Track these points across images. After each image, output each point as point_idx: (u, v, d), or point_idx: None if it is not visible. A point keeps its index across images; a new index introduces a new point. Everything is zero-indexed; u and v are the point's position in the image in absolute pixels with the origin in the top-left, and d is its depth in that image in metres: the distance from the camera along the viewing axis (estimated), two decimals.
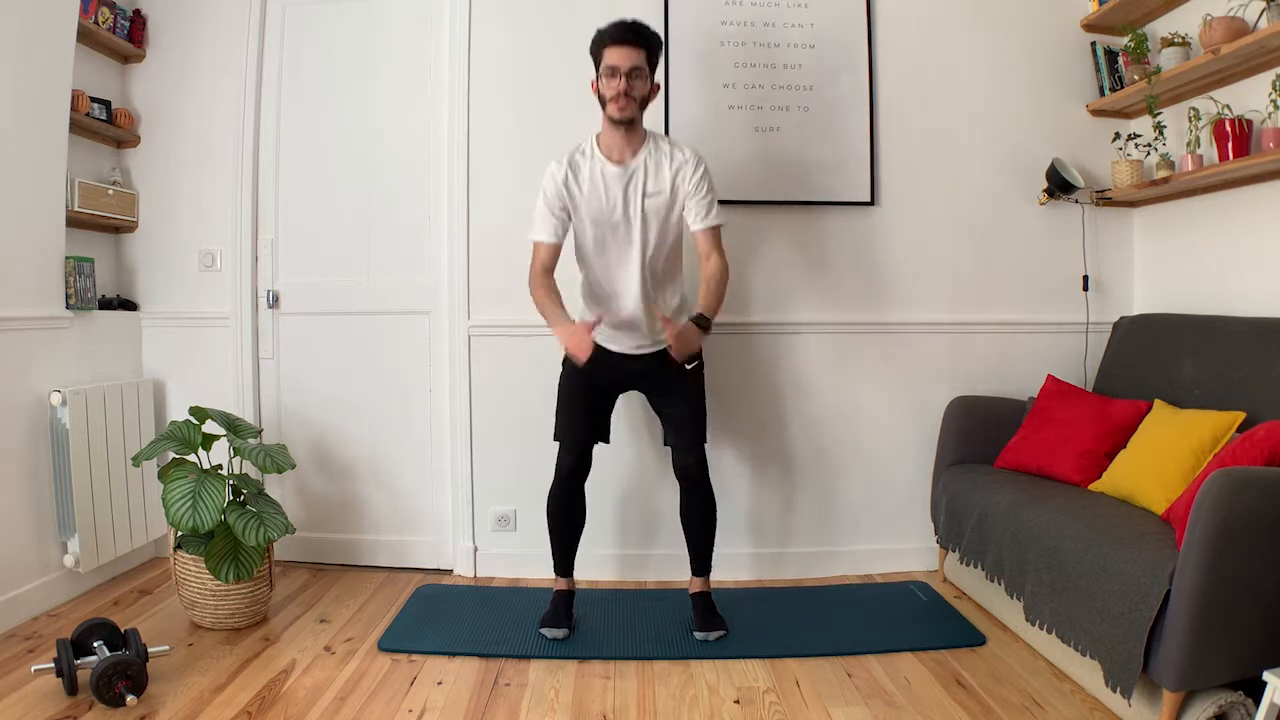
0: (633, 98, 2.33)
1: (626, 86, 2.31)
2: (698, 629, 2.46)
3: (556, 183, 2.41)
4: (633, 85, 2.32)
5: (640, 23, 2.34)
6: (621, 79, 2.31)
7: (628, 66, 2.31)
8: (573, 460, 2.47)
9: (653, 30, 2.37)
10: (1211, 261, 2.79)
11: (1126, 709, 1.96)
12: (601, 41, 2.35)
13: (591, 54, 2.41)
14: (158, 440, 2.55)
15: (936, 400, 3.02)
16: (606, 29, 2.34)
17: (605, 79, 2.34)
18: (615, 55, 2.32)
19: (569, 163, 2.43)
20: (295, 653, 2.35)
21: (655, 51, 2.38)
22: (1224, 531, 1.72)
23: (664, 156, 2.43)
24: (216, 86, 3.09)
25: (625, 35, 2.31)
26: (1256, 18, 2.41)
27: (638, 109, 2.37)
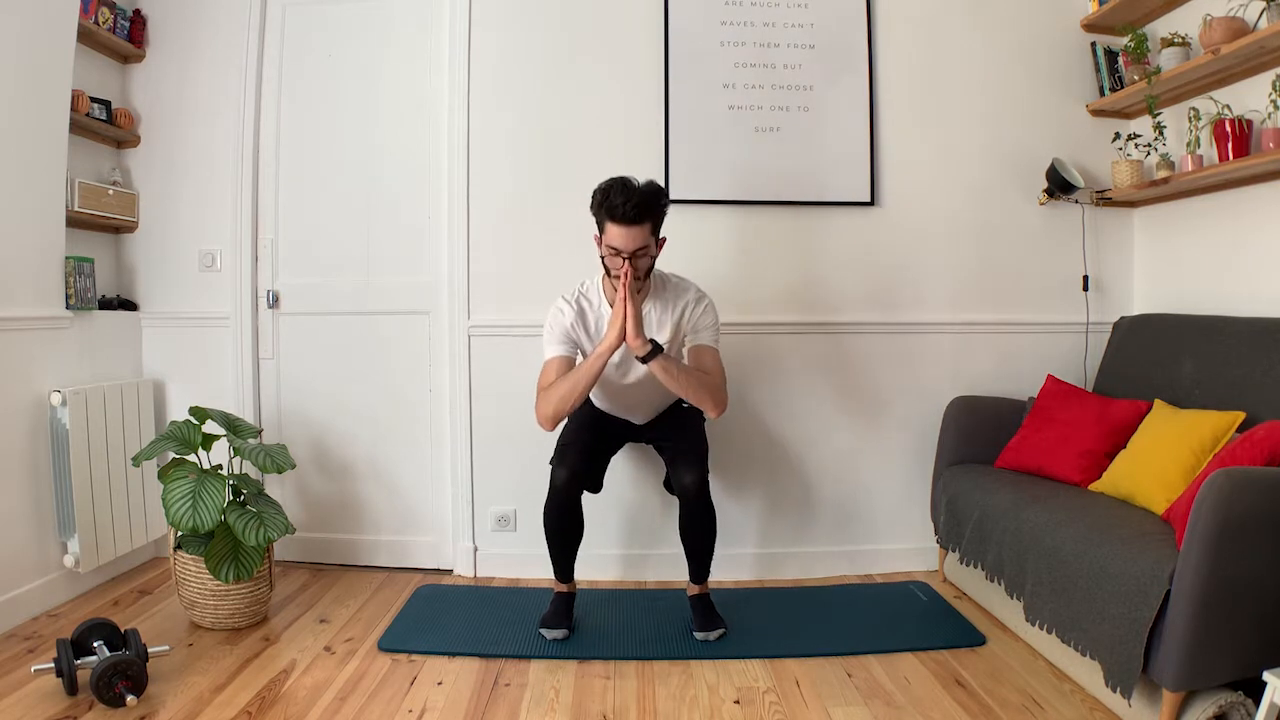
0: (638, 277, 2.29)
1: (632, 269, 2.25)
2: (697, 629, 2.46)
3: (564, 325, 2.41)
4: (637, 266, 2.27)
5: (644, 194, 2.25)
6: (626, 262, 2.25)
7: (632, 249, 2.24)
8: (567, 473, 2.40)
9: (656, 191, 2.29)
10: (1211, 261, 2.79)
11: (1126, 709, 1.96)
12: (601, 212, 2.27)
13: (592, 214, 2.33)
14: (158, 440, 2.55)
15: (936, 400, 3.02)
16: (610, 199, 2.23)
17: (609, 255, 2.29)
18: (618, 237, 2.24)
19: (576, 306, 2.42)
20: (295, 653, 2.35)
21: (661, 217, 2.31)
22: (1224, 531, 1.72)
23: (669, 304, 2.43)
24: (216, 86, 3.10)
25: (630, 216, 2.21)
26: (1256, 18, 2.41)
27: (644, 280, 2.35)
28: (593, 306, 2.44)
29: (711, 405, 2.35)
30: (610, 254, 2.28)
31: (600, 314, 2.43)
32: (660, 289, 2.45)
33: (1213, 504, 1.73)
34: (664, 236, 2.36)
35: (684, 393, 2.32)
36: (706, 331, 2.44)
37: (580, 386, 2.29)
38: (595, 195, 2.30)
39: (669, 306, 2.43)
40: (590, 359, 2.30)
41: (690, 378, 2.32)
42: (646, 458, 2.98)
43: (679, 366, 2.32)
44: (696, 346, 2.43)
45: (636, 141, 3.01)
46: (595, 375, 2.29)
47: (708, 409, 2.36)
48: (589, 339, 2.44)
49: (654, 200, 2.28)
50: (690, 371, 2.34)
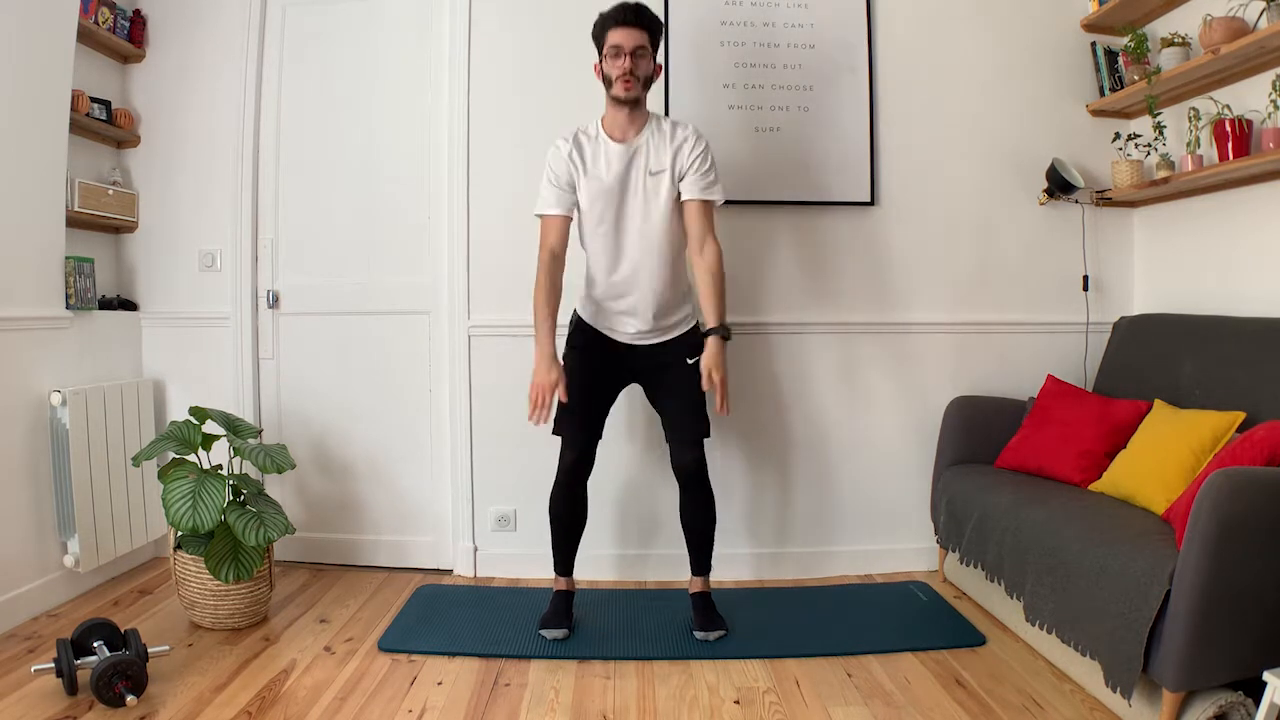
0: (637, 77, 2.37)
1: (631, 65, 2.35)
2: (698, 629, 2.46)
3: (561, 157, 2.44)
4: (637, 64, 2.37)
5: (641, 3, 2.40)
6: (626, 58, 2.35)
7: (632, 46, 2.35)
8: (575, 454, 2.47)
9: (653, 12, 2.43)
10: (1211, 261, 2.79)
11: (1126, 709, 1.96)
12: (604, 24, 2.41)
13: (594, 37, 2.46)
14: (158, 440, 2.55)
15: (936, 400, 3.02)
16: (608, 11, 2.40)
17: (610, 59, 2.39)
18: (619, 35, 2.37)
19: (574, 140, 2.46)
20: (295, 653, 2.35)
21: (657, 33, 2.44)
22: (1224, 531, 1.72)
23: (666, 134, 2.45)
24: (216, 86, 3.10)
25: (628, 16, 2.37)
26: (1256, 18, 2.41)
27: (642, 88, 2.41)
28: (591, 139, 2.47)
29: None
30: (611, 54, 2.37)
31: (598, 145, 2.45)
32: (658, 120, 2.49)
33: (1212, 504, 1.73)
34: (659, 64, 2.46)
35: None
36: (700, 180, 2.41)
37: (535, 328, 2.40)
38: (595, 22, 2.44)
39: (666, 136, 2.45)
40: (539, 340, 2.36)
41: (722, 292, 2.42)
42: (644, 456, 2.98)
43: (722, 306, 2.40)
44: (691, 200, 2.42)
45: None
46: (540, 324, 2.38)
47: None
48: (584, 172, 2.44)
49: (652, 13, 2.41)
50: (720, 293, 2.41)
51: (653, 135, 2.45)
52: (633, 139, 2.43)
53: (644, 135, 2.44)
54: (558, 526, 2.54)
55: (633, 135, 2.43)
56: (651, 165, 2.43)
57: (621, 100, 2.38)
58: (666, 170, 2.42)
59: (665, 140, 2.44)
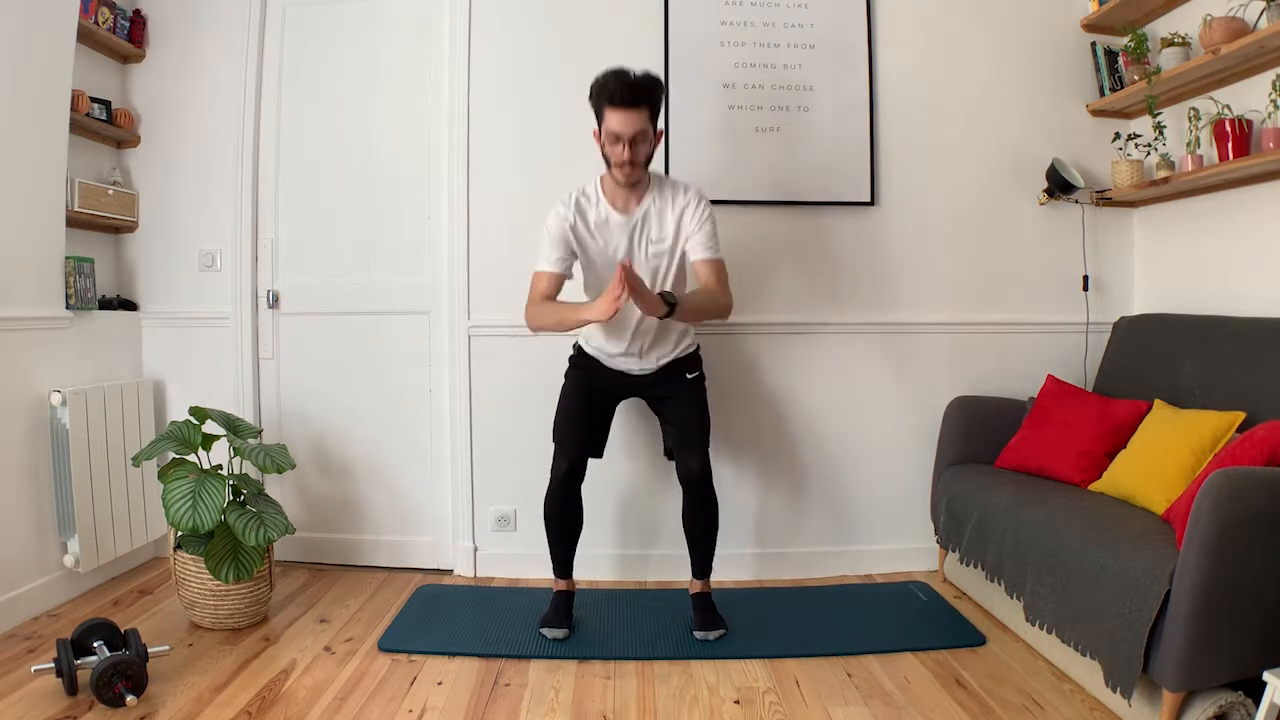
0: (638, 163, 2.30)
1: (631, 155, 2.26)
2: (698, 628, 2.46)
3: (564, 227, 2.40)
4: (637, 151, 2.28)
5: (642, 78, 2.26)
6: (625, 148, 2.26)
7: (631, 133, 2.24)
8: (568, 464, 2.44)
9: (654, 80, 2.30)
10: (1211, 261, 2.79)
11: (1126, 709, 1.96)
12: (600, 99, 2.28)
13: (591, 105, 2.33)
14: (158, 440, 2.55)
15: (936, 400, 3.02)
16: (608, 86, 2.24)
17: (609, 144, 2.30)
18: (618, 121, 2.24)
19: (575, 207, 2.41)
20: (295, 653, 2.35)
21: (659, 105, 2.32)
22: (1224, 531, 1.72)
23: (668, 201, 2.42)
24: (216, 86, 3.10)
25: (626, 97, 2.22)
26: (1256, 18, 2.41)
27: (643, 170, 2.35)
28: (593, 204, 2.43)
29: (720, 318, 2.43)
30: (610, 140, 2.29)
31: (600, 211, 2.41)
32: (659, 185, 2.44)
33: (1212, 504, 1.73)
34: (661, 129, 2.37)
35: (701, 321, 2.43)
36: (706, 239, 2.40)
37: (565, 326, 2.37)
38: (593, 86, 2.30)
39: (669, 204, 2.42)
40: (577, 313, 2.30)
41: (703, 311, 2.36)
42: (645, 457, 2.98)
43: (691, 307, 2.32)
44: (700, 262, 2.41)
45: None
46: (572, 327, 2.37)
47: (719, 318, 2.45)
48: (590, 236, 2.41)
49: (652, 85, 2.29)
50: (702, 306, 2.35)
51: (654, 203, 2.42)
52: (634, 210, 2.40)
53: (645, 204, 2.41)
54: (554, 533, 2.53)
55: (634, 206, 2.40)
56: (654, 235, 2.40)
57: (621, 184, 2.34)
58: (669, 239, 2.41)
59: (667, 206, 2.41)
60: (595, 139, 2.38)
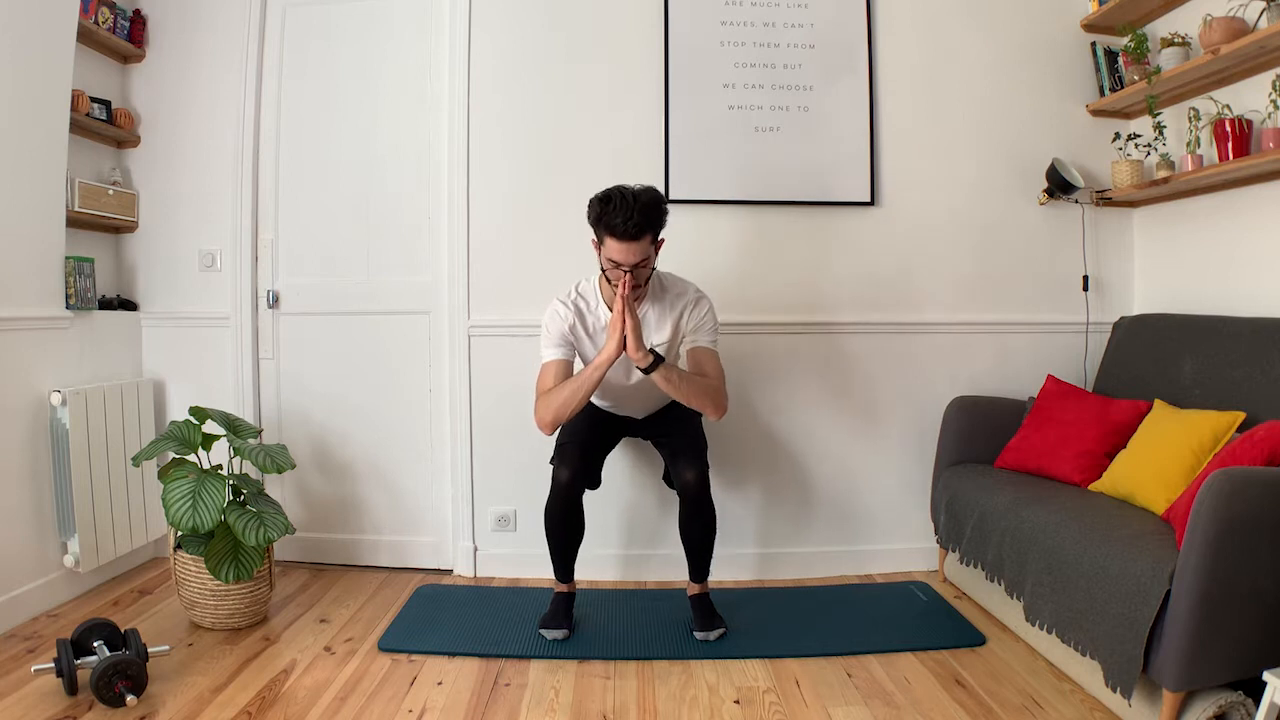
0: (639, 285, 2.27)
1: (633, 281, 2.23)
2: (698, 629, 2.46)
3: (562, 328, 2.40)
4: (638, 275, 2.25)
5: (644, 208, 2.19)
6: (627, 275, 2.22)
7: (633, 262, 2.21)
8: (570, 473, 2.41)
9: (655, 203, 2.23)
10: (1212, 261, 2.79)
11: (1126, 709, 1.96)
12: (599, 225, 2.23)
13: (590, 224, 2.28)
14: (158, 440, 2.55)
15: (936, 400, 3.02)
16: (607, 219, 2.18)
17: (609, 267, 2.26)
18: (618, 252, 2.20)
19: (574, 310, 2.41)
20: (295, 653, 2.35)
21: (660, 228, 2.27)
22: (1224, 531, 1.72)
23: (667, 306, 2.41)
24: (216, 86, 3.10)
25: (630, 233, 2.17)
26: (1256, 18, 2.41)
27: (644, 287, 2.33)
28: (590, 308, 2.43)
29: (712, 409, 2.35)
30: (611, 266, 2.26)
31: (598, 316, 2.42)
32: (659, 291, 2.44)
33: (1213, 504, 1.73)
34: (662, 238, 2.34)
35: (686, 400, 2.31)
36: (705, 333, 2.43)
37: (580, 395, 2.29)
38: (593, 207, 2.25)
39: (668, 308, 2.43)
40: (589, 369, 2.29)
41: (691, 385, 2.31)
42: (645, 457, 2.98)
43: (680, 374, 2.31)
44: (695, 349, 2.41)
45: (636, 141, 3.01)
46: (594, 385, 2.28)
47: (708, 413, 2.37)
48: (588, 340, 2.43)
49: (654, 213, 2.23)
50: (691, 379, 2.32)
51: (653, 307, 2.41)
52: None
53: (644, 308, 2.40)
54: (555, 542, 2.50)
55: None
56: (653, 339, 2.39)
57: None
58: (667, 342, 2.41)
59: (665, 310, 2.41)
60: (594, 247, 2.33)
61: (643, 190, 2.24)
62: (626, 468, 3.00)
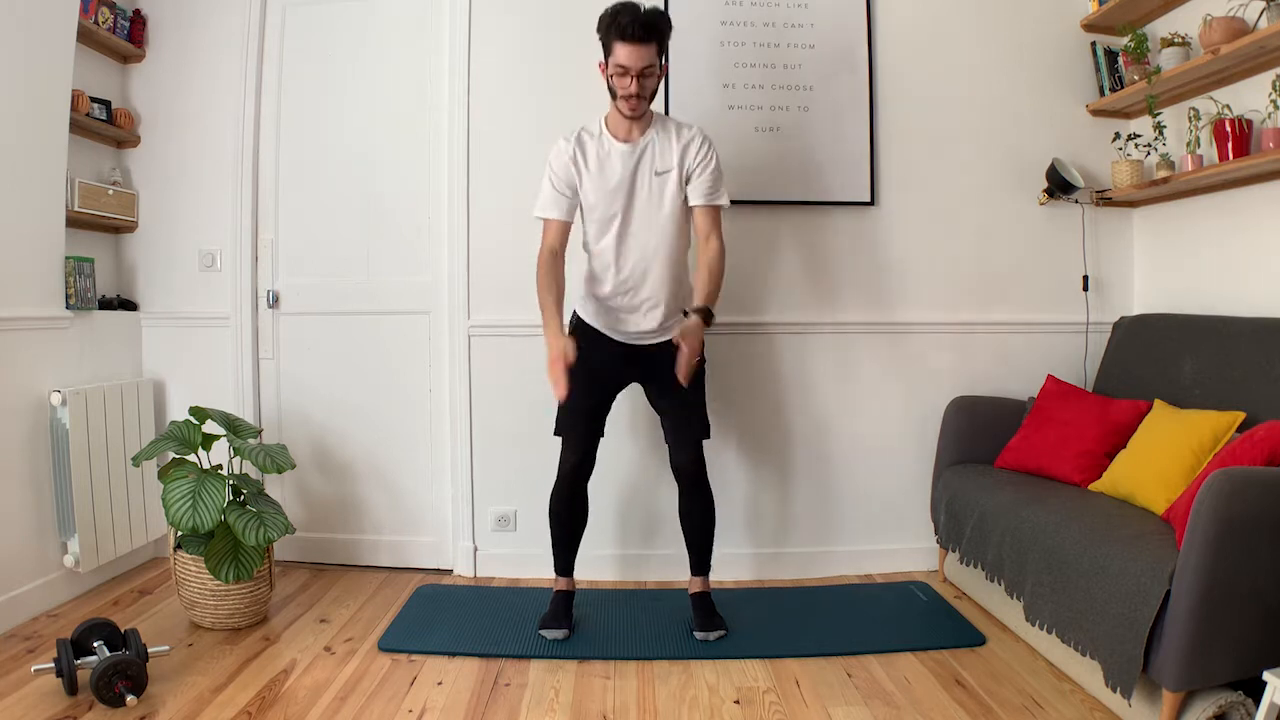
0: (644, 97, 2.32)
1: (638, 89, 2.29)
2: (698, 629, 2.46)
3: (564, 160, 2.41)
4: (644, 85, 2.30)
5: (652, 13, 2.29)
6: (633, 80, 2.28)
7: (639, 67, 2.27)
8: (577, 457, 2.45)
9: (663, 15, 2.31)
10: (1211, 261, 2.79)
11: (1126, 709, 1.96)
12: (609, 32, 2.29)
13: (600, 38, 2.34)
14: (158, 440, 2.55)
15: (936, 400, 3.02)
16: (618, 20, 2.26)
17: (616, 76, 2.31)
18: (626, 55, 2.26)
19: (576, 140, 2.43)
20: (295, 653, 2.35)
21: (666, 40, 2.35)
22: (1224, 531, 1.72)
23: (671, 135, 2.43)
24: (216, 86, 3.10)
25: (637, 33, 2.25)
26: (1256, 18, 2.41)
27: (647, 104, 2.37)
28: (594, 137, 2.43)
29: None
30: (618, 73, 2.29)
31: (601, 144, 2.42)
32: (662, 120, 2.46)
33: (1213, 504, 1.73)
34: (666, 64, 2.38)
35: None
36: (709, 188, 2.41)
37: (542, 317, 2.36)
38: (602, 19, 2.30)
39: (671, 136, 2.42)
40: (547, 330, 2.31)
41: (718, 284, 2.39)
42: (645, 457, 2.98)
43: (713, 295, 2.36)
44: (700, 208, 2.41)
45: None
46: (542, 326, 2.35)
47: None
48: (588, 173, 2.41)
49: (661, 19, 2.30)
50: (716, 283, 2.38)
51: (658, 135, 2.43)
52: (637, 139, 2.41)
53: (649, 135, 2.42)
54: (558, 528, 2.53)
55: (637, 135, 2.41)
56: (657, 165, 2.41)
57: (626, 116, 2.36)
58: (673, 170, 2.41)
59: (670, 140, 2.42)
60: (600, 70, 2.38)
61: (651, 5, 2.33)
62: (626, 469, 3.00)
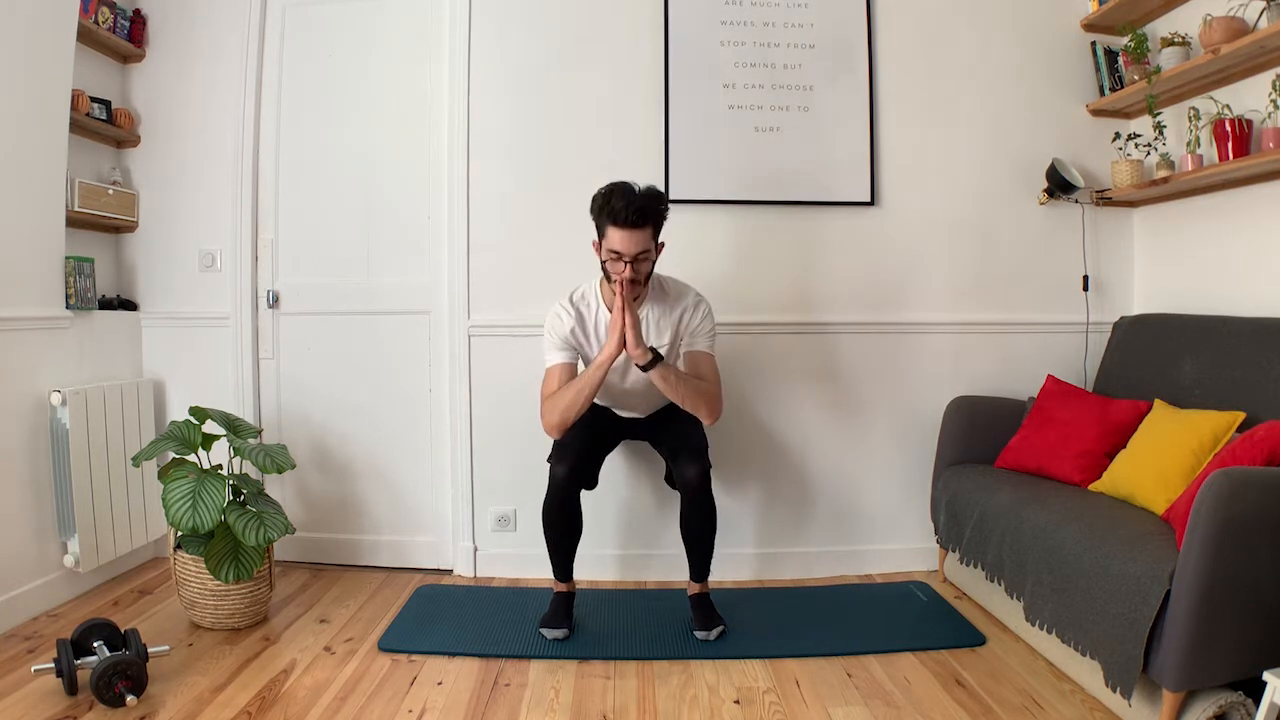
0: (639, 281, 2.29)
1: (633, 274, 2.25)
2: (698, 628, 2.46)
3: (563, 330, 2.42)
4: (639, 269, 2.27)
5: (646, 197, 2.26)
6: (627, 266, 2.24)
7: (634, 253, 2.24)
8: (566, 470, 2.41)
9: (658, 197, 2.31)
10: (1211, 261, 2.79)
11: (1126, 709, 1.96)
12: (602, 214, 2.27)
13: (592, 218, 2.33)
14: (158, 440, 2.55)
15: (936, 400, 3.02)
16: (611, 205, 2.23)
17: (609, 260, 2.29)
18: (620, 240, 2.23)
19: (575, 313, 2.43)
20: (295, 653, 2.35)
21: (662, 221, 2.33)
22: (1224, 532, 1.72)
23: (668, 308, 2.43)
24: (216, 86, 3.09)
25: (632, 220, 2.21)
26: (1256, 18, 2.41)
27: (644, 287, 2.35)
28: (591, 311, 2.45)
29: (707, 413, 2.39)
30: (611, 258, 2.28)
31: (599, 319, 2.44)
32: (659, 293, 2.45)
33: (1213, 504, 1.73)
34: (663, 241, 2.37)
35: (681, 401, 2.35)
36: (703, 337, 2.46)
37: (584, 395, 2.32)
38: (595, 200, 2.31)
39: (668, 311, 2.44)
40: (591, 369, 2.32)
41: (688, 386, 2.35)
42: (645, 457, 2.98)
43: (678, 375, 2.34)
44: (693, 353, 2.44)
45: (636, 141, 3.01)
46: (597, 385, 2.32)
47: (703, 416, 2.40)
48: (589, 343, 2.45)
49: (655, 204, 2.30)
50: (688, 380, 2.36)
51: (652, 309, 2.43)
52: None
53: (644, 310, 2.42)
54: (553, 539, 2.51)
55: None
56: (653, 340, 2.40)
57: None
58: (667, 345, 2.43)
59: (666, 313, 2.43)
60: (595, 249, 2.37)
61: (646, 186, 2.32)
62: (625, 468, 3.00)
